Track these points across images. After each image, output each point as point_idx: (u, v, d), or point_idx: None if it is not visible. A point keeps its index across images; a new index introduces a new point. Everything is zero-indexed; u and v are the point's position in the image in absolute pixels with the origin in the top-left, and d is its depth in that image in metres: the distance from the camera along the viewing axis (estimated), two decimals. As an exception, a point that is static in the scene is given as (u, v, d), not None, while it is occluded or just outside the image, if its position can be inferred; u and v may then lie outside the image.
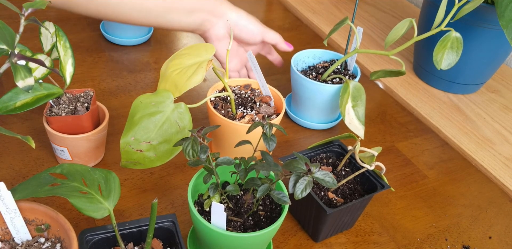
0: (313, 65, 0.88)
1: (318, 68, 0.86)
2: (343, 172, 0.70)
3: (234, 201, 0.62)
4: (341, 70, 0.85)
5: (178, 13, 0.75)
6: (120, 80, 0.93)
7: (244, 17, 0.81)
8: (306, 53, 0.87)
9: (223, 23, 0.79)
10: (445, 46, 0.69)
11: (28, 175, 0.72)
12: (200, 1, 0.77)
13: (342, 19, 0.78)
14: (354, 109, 0.75)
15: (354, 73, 0.85)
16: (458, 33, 0.68)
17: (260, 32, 0.82)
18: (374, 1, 1.33)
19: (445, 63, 0.69)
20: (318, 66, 0.87)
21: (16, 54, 0.48)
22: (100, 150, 0.74)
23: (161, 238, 0.57)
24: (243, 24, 0.80)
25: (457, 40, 0.68)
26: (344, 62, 0.85)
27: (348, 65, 0.85)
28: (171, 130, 0.63)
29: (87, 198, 0.50)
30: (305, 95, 0.82)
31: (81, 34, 1.03)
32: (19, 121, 0.80)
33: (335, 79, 0.83)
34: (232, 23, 0.80)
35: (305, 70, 0.87)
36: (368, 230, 0.71)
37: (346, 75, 0.84)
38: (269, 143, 0.55)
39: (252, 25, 0.81)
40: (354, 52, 0.79)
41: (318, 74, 0.84)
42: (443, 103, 0.99)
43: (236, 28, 0.80)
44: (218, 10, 0.78)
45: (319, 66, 0.87)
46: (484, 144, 0.89)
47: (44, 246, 0.53)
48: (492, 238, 0.73)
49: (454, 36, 0.69)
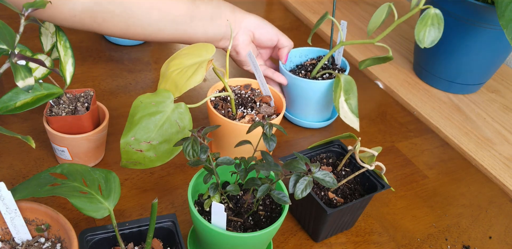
0: (301, 64, 0.89)
1: (306, 66, 0.87)
2: (343, 172, 0.70)
3: (234, 201, 0.62)
4: (329, 66, 0.86)
5: (201, 20, 0.75)
6: (120, 80, 0.93)
7: (262, 20, 0.82)
8: (293, 52, 0.87)
9: (244, 29, 0.80)
10: (426, 24, 0.68)
11: (28, 175, 0.72)
12: (217, 9, 0.77)
13: (323, 15, 0.78)
14: (347, 102, 0.76)
15: (342, 67, 0.85)
16: (437, 10, 0.68)
17: (276, 35, 0.83)
18: (374, 1, 1.33)
19: (428, 41, 0.68)
20: (306, 64, 0.87)
21: (16, 54, 0.48)
22: (100, 150, 0.74)
23: (161, 238, 0.57)
24: (264, 27, 0.81)
25: (437, 16, 0.68)
26: (332, 57, 0.86)
27: (335, 59, 0.86)
28: (171, 130, 0.63)
29: (87, 198, 0.50)
30: (298, 94, 0.82)
31: (81, 34, 1.03)
32: (19, 121, 0.80)
33: (325, 75, 0.83)
34: (253, 27, 0.81)
35: (293, 69, 0.88)
36: (368, 230, 0.71)
37: (335, 70, 0.84)
38: (269, 143, 0.55)
39: (270, 28, 0.82)
40: (339, 45, 0.79)
41: (307, 72, 0.85)
42: (443, 103, 0.99)
43: (257, 32, 0.81)
44: (236, 16, 0.79)
45: (307, 64, 0.87)
46: (484, 144, 0.89)
47: (44, 246, 0.53)
48: (492, 238, 0.73)
49: (434, 12, 0.68)
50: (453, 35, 0.91)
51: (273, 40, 0.83)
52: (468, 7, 0.85)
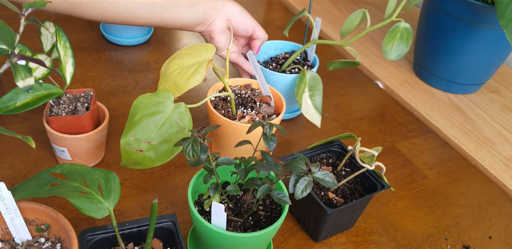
0: (275, 56, 0.90)
1: (279, 59, 0.88)
2: (343, 172, 0.70)
3: (234, 201, 0.62)
4: (301, 61, 0.87)
5: (179, 7, 0.76)
6: (120, 80, 0.93)
7: (241, 9, 0.82)
8: (268, 44, 0.88)
9: (222, 15, 0.80)
10: (394, 37, 0.69)
11: (28, 175, 0.72)
12: None
13: (300, 11, 0.79)
14: (311, 98, 0.77)
15: (313, 63, 0.86)
16: (407, 24, 0.69)
17: (253, 26, 0.83)
18: (374, 1, 1.33)
19: (395, 54, 0.69)
20: (279, 57, 0.89)
21: (16, 54, 0.48)
22: (100, 150, 0.74)
23: (161, 238, 0.57)
24: (241, 17, 0.81)
25: (407, 30, 0.69)
26: (304, 53, 0.87)
27: (308, 55, 0.87)
28: (171, 130, 0.63)
29: (87, 198, 0.50)
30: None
31: (81, 34, 1.03)
32: (19, 121, 0.80)
33: (294, 70, 0.84)
34: (231, 15, 0.81)
35: (266, 61, 0.89)
36: (368, 230, 0.71)
37: (305, 66, 0.86)
38: (269, 143, 0.55)
39: (248, 19, 0.83)
40: (311, 43, 0.80)
41: (278, 65, 0.86)
42: (443, 103, 0.99)
43: (234, 20, 0.81)
44: (216, 3, 0.79)
45: (280, 57, 0.89)
46: (484, 144, 0.89)
47: (44, 246, 0.53)
48: (492, 238, 0.73)
49: (403, 26, 0.69)
50: (453, 35, 0.91)
51: (249, 31, 0.83)
52: (468, 7, 0.86)
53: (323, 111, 0.93)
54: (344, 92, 0.99)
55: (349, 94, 0.99)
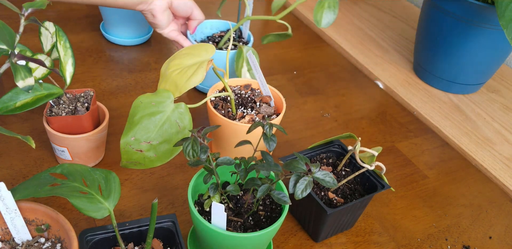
0: (211, 35, 0.94)
1: (215, 38, 0.92)
2: (343, 172, 0.70)
3: (234, 201, 0.62)
4: (236, 38, 0.90)
5: None
6: (120, 80, 0.93)
7: None
8: (205, 23, 0.92)
9: None
10: (323, 6, 0.74)
11: (28, 175, 0.72)
12: None
13: None
14: (250, 72, 0.82)
15: (248, 40, 0.91)
16: None
17: (191, 8, 0.86)
18: (374, 1, 1.33)
19: (324, 22, 0.74)
20: (215, 36, 0.93)
21: (16, 54, 0.48)
22: (100, 150, 0.74)
23: (161, 238, 0.57)
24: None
25: (334, 0, 0.74)
26: (239, 31, 0.91)
27: (242, 33, 0.91)
28: (171, 130, 0.63)
29: (87, 198, 0.50)
30: None
31: (81, 34, 1.03)
32: (19, 121, 0.80)
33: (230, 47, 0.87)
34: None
35: (204, 40, 0.93)
36: (368, 230, 0.71)
37: (241, 42, 0.90)
38: (269, 143, 0.55)
39: (188, 1, 0.85)
40: (244, 20, 0.84)
41: (215, 43, 0.90)
42: (443, 103, 0.99)
43: (175, 1, 0.84)
44: None
45: (216, 36, 0.93)
46: (484, 144, 0.89)
47: (44, 246, 0.53)
48: (492, 238, 0.73)
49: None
50: (453, 35, 0.91)
51: (188, 12, 0.86)
52: (468, 7, 0.86)
53: (324, 111, 0.93)
54: (344, 92, 0.99)
55: (349, 94, 0.99)
